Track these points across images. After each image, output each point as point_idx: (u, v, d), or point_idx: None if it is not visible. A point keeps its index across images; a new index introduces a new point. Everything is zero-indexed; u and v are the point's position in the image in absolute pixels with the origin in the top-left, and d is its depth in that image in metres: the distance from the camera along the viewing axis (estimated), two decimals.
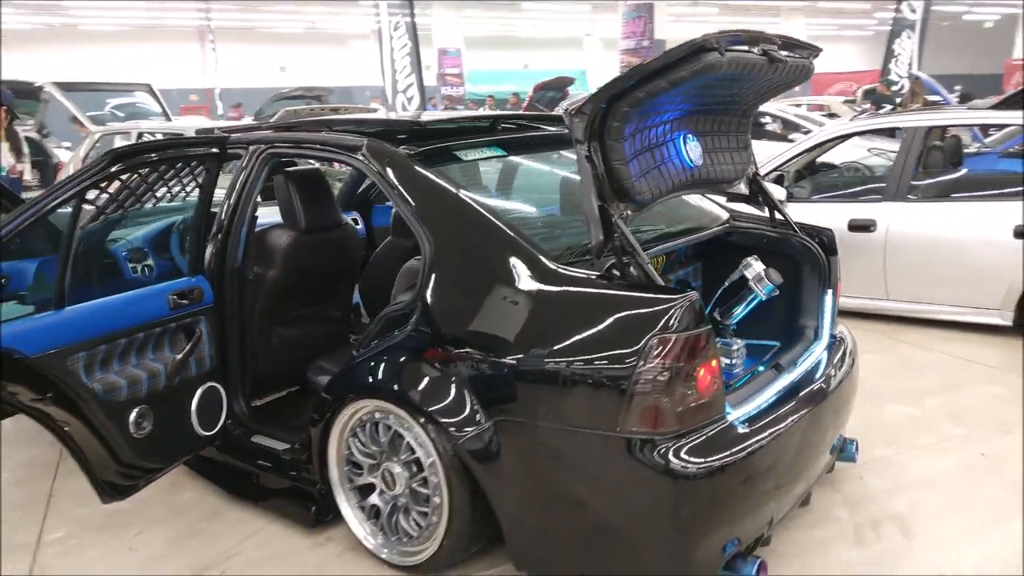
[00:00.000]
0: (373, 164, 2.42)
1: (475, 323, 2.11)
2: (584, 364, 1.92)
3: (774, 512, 2.12)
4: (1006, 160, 6.52)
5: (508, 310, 2.06)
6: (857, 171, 6.38)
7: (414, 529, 2.27)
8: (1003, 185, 4.49)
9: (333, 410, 2.37)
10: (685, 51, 1.88)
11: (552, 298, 2.02)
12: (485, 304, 2.11)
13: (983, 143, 6.70)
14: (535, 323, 2.01)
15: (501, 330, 2.06)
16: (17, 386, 2.11)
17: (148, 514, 2.70)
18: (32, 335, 2.13)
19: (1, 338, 2.06)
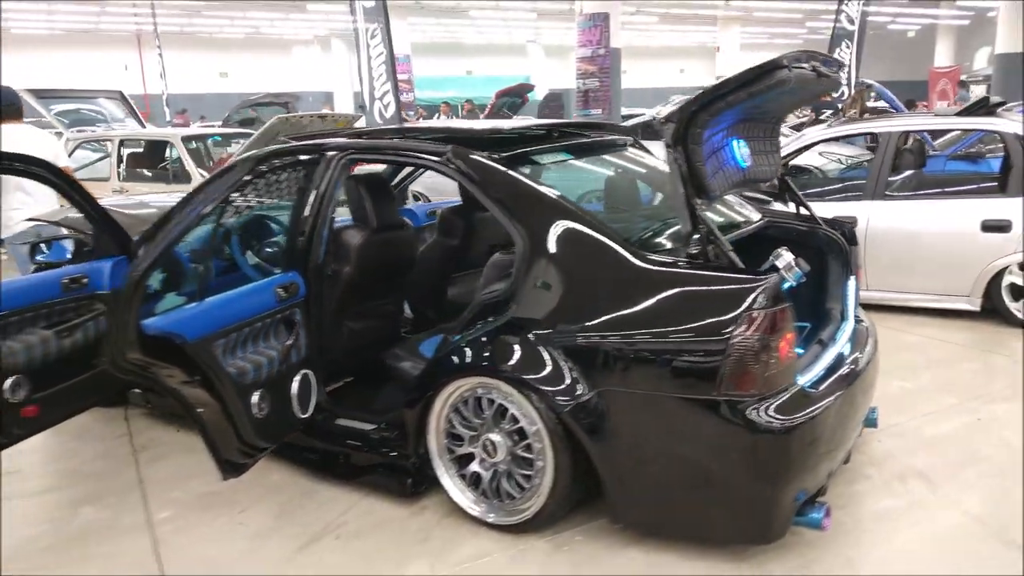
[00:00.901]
0: (461, 167, 2.68)
1: (576, 305, 2.39)
2: (680, 338, 2.22)
3: (831, 467, 2.47)
4: (953, 162, 7.19)
5: (606, 292, 2.35)
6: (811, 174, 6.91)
7: (516, 492, 2.53)
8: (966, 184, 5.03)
9: (434, 389, 2.61)
10: (763, 69, 2.22)
11: (649, 280, 2.31)
12: (585, 288, 2.39)
13: (933, 147, 7.32)
14: (632, 304, 2.31)
15: (600, 311, 2.34)
16: (175, 368, 2.29)
17: (245, 495, 2.86)
18: (188, 322, 2.31)
19: (169, 323, 2.24)
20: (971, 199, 4.73)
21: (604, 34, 13.83)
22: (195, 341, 2.31)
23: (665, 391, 2.25)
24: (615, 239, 2.41)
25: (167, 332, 2.26)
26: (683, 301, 2.26)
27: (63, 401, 2.98)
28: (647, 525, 2.45)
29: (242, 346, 2.53)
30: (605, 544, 2.48)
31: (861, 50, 14.44)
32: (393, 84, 9.03)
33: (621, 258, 2.36)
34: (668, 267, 2.32)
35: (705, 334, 2.20)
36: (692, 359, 2.21)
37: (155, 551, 2.55)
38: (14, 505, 2.89)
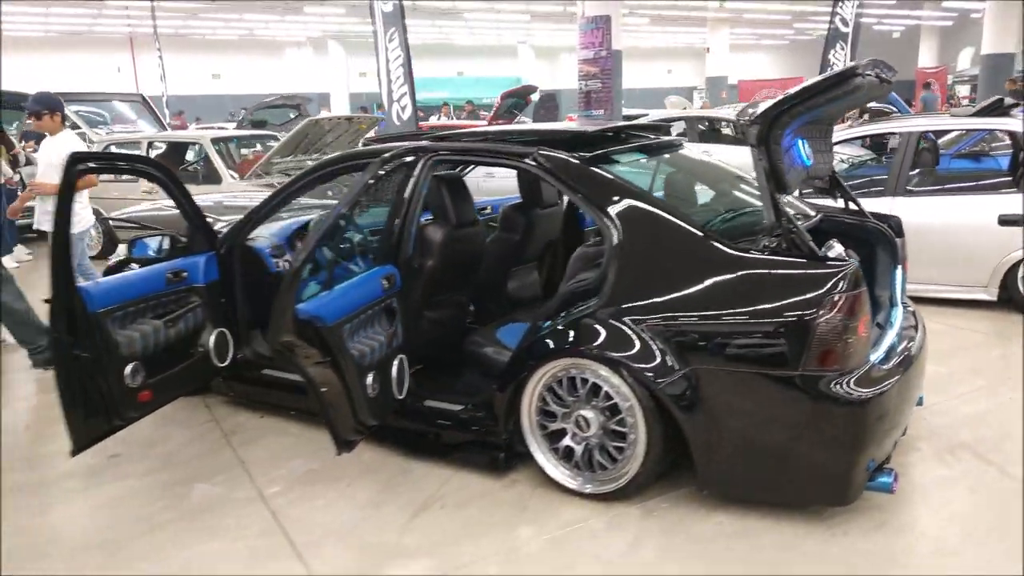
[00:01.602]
0: (549, 166, 2.91)
1: (668, 291, 2.62)
2: (768, 320, 2.46)
3: (895, 437, 2.72)
4: (958, 160, 7.51)
5: (696, 278, 2.59)
6: None
7: (608, 463, 2.76)
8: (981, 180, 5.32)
9: (527, 371, 2.84)
10: (842, 76, 2.47)
11: (739, 267, 2.55)
12: (676, 276, 2.63)
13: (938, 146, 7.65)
14: (721, 289, 2.55)
15: (691, 296, 2.58)
16: (313, 349, 2.50)
17: (345, 472, 3.07)
18: (327, 307, 2.52)
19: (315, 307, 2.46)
20: (988, 195, 5.02)
21: (606, 36, 14.09)
22: (333, 325, 2.52)
23: (753, 368, 2.49)
24: (698, 228, 2.65)
25: (313, 316, 2.47)
26: (771, 285, 2.50)
27: (170, 386, 3.18)
28: (733, 491, 2.69)
29: (360, 331, 2.74)
30: (690, 510, 2.71)
31: (855, 52, 14.82)
32: (410, 87, 9.23)
33: (709, 246, 2.60)
34: (755, 255, 2.56)
35: (792, 315, 2.44)
36: (779, 338, 2.45)
37: (276, 520, 2.75)
38: (129, 484, 3.08)
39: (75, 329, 2.78)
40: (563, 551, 2.52)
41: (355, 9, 22.86)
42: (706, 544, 2.53)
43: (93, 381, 2.84)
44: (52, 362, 4.12)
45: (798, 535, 2.55)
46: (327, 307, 2.54)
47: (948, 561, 2.42)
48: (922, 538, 2.55)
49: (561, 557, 2.49)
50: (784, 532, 2.57)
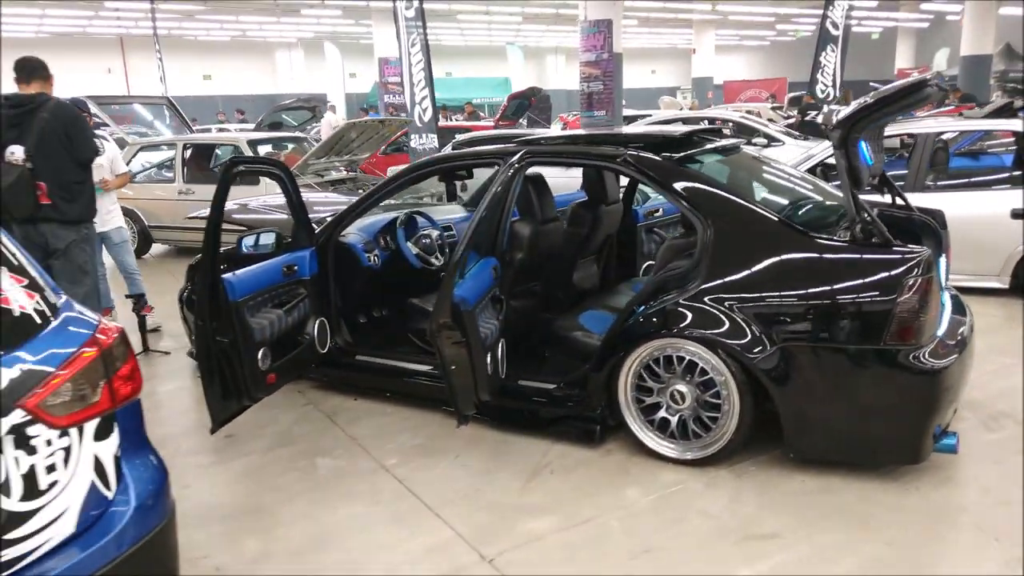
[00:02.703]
0: (639, 167, 3.23)
1: (759, 277, 2.95)
2: (853, 299, 2.80)
3: (955, 405, 3.08)
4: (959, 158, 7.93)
5: (787, 266, 2.92)
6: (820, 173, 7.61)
7: (702, 431, 3.09)
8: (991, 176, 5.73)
9: (624, 351, 3.15)
10: (915, 86, 2.81)
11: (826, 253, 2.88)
12: (766, 263, 2.96)
13: None
14: (813, 273, 2.88)
15: (780, 279, 2.91)
16: (455, 331, 2.80)
17: (450, 445, 3.37)
18: (468, 292, 2.82)
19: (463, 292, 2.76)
20: (1000, 190, 5.43)
21: (608, 39, 14.44)
22: (472, 308, 2.82)
23: (839, 343, 2.83)
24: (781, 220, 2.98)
25: (461, 299, 2.77)
26: (856, 269, 2.84)
27: (289, 369, 3.45)
28: (818, 454, 3.02)
29: (481, 315, 3.04)
30: (777, 471, 3.04)
31: (845, 54, 15.31)
32: (431, 90, 9.50)
33: (796, 235, 2.93)
34: (839, 242, 2.90)
35: (875, 295, 2.77)
36: (863, 316, 2.79)
37: (405, 486, 3.04)
38: (254, 460, 3.35)
39: (217, 316, 3.04)
40: (671, 507, 2.84)
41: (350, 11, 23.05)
42: (796, 498, 2.86)
43: (230, 364, 3.10)
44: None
45: (876, 490, 2.89)
46: (468, 292, 2.84)
47: (1008, 510, 2.77)
48: (985, 491, 2.90)
49: (671, 512, 2.81)
50: (864, 488, 2.91)
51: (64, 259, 4.24)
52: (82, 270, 4.31)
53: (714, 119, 12.06)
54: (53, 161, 4.12)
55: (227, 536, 2.75)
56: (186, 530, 2.77)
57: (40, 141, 4.07)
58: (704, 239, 3.06)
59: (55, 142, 4.11)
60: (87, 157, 4.29)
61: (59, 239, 4.21)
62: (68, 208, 4.20)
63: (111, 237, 5.22)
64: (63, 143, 4.13)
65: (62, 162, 4.15)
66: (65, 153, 4.15)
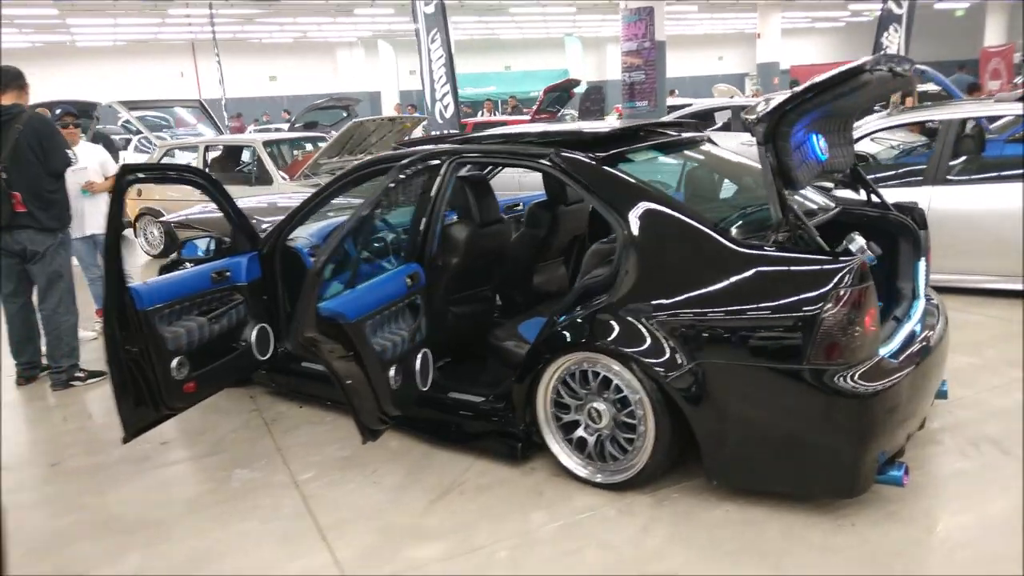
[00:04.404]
0: (565, 167, 3.00)
1: (676, 286, 2.69)
2: (775, 314, 2.51)
3: (908, 430, 2.73)
4: (1011, 145, 7.25)
5: (703, 274, 2.65)
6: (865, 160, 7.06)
7: (619, 454, 2.86)
8: None
9: (543, 364, 2.95)
10: (849, 73, 2.50)
11: (745, 262, 2.60)
12: (683, 271, 2.70)
13: (989, 130, 7.40)
14: (728, 284, 2.60)
15: (698, 291, 2.64)
16: (337, 344, 2.68)
17: (373, 458, 3.25)
18: (349, 305, 2.69)
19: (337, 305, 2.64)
20: None
21: (649, 28, 13.98)
22: (355, 321, 2.69)
23: (760, 362, 2.55)
24: (709, 226, 2.71)
25: (335, 313, 2.64)
26: (777, 281, 2.55)
27: (213, 378, 3.41)
28: (741, 482, 2.75)
29: (383, 327, 2.90)
30: (700, 499, 2.79)
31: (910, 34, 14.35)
32: (452, 86, 9.40)
33: (717, 243, 2.66)
34: (762, 250, 2.61)
35: (797, 310, 2.48)
36: (785, 332, 2.50)
37: (306, 504, 2.94)
38: (178, 469, 3.34)
39: (126, 325, 3.02)
40: (573, 536, 2.63)
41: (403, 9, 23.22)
42: (712, 531, 2.61)
43: (142, 373, 3.08)
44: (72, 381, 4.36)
45: (805, 525, 2.60)
46: (349, 305, 2.70)
47: (957, 554, 2.44)
48: (932, 530, 2.57)
49: (571, 541, 2.60)
50: (791, 522, 2.62)
51: (41, 264, 4.37)
52: (58, 274, 4.43)
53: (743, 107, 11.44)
54: (26, 171, 4.23)
55: (114, 551, 2.72)
56: (79, 543, 2.79)
57: (14, 152, 4.19)
58: (621, 245, 2.83)
59: (28, 153, 4.22)
60: (58, 169, 4.39)
61: (36, 245, 4.33)
62: (43, 216, 4.32)
63: (102, 240, 5.34)
64: (36, 154, 4.24)
65: (35, 172, 4.26)
66: (38, 164, 4.26)
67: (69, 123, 5.18)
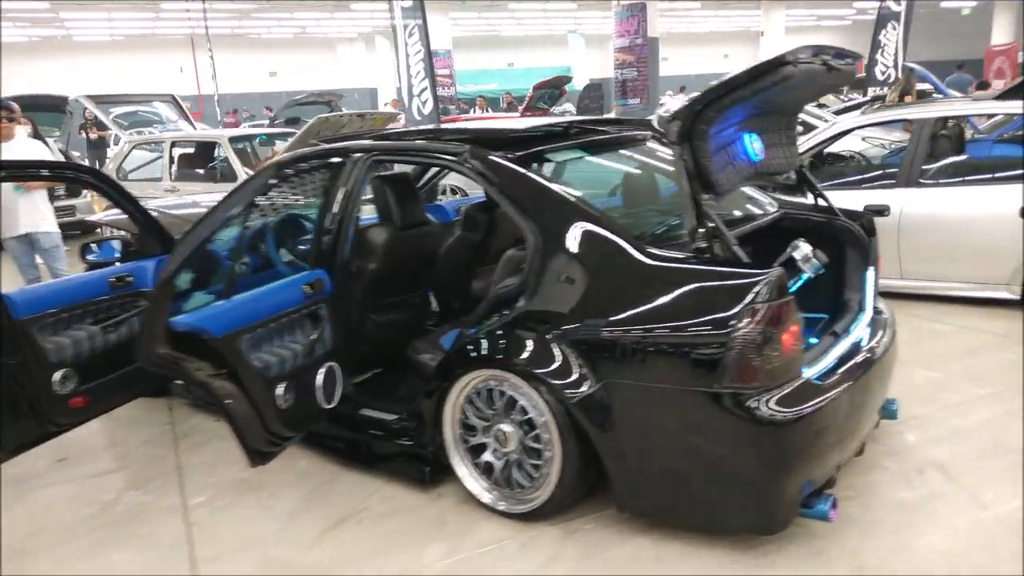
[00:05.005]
0: (477, 167, 2.76)
1: (583, 299, 2.45)
2: (684, 331, 2.26)
3: (840, 458, 2.48)
4: (1000, 145, 6.95)
5: (614, 288, 2.40)
6: (854, 160, 6.78)
7: (526, 480, 2.62)
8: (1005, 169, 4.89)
9: (450, 381, 2.71)
10: (768, 66, 2.24)
11: (656, 275, 2.36)
12: (591, 283, 2.45)
13: (978, 130, 7.11)
14: (640, 297, 2.36)
15: (607, 304, 2.40)
16: (203, 362, 2.45)
17: (274, 480, 3.02)
18: (216, 319, 2.46)
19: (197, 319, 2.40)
20: (1008, 184, 4.60)
21: (642, 24, 13.75)
22: (222, 336, 2.45)
23: (669, 383, 2.30)
24: (622, 234, 2.46)
25: (195, 328, 2.41)
26: (687, 295, 2.30)
27: (110, 392, 3.18)
28: (652, 514, 2.51)
29: (268, 340, 2.66)
30: (614, 532, 2.55)
31: (908, 31, 14.00)
32: (431, 81, 9.16)
33: (626, 253, 2.41)
34: (671, 262, 2.36)
35: (708, 327, 2.23)
36: (695, 352, 2.25)
37: (188, 532, 2.71)
38: (66, 490, 3.11)
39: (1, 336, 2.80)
40: (466, 573, 2.39)
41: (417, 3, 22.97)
42: (619, 570, 2.37)
43: (21, 387, 2.86)
44: None
45: (721, 564, 2.36)
46: (214, 318, 2.47)
47: None
48: (860, 570, 2.32)
49: None
50: (706, 559, 2.38)
51: None
52: None
53: None
54: None
55: None
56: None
57: None
58: (529, 251, 2.58)
59: None
60: None
61: None
62: None
63: (39, 241, 5.13)
64: None
65: None
66: None
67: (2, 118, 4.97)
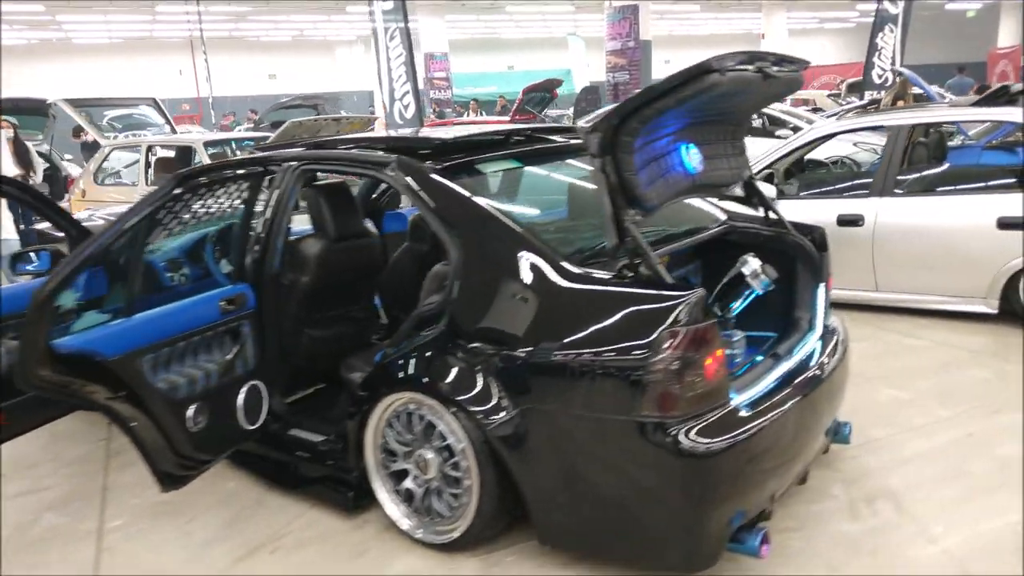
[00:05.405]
0: (402, 178, 2.63)
1: (501, 321, 2.32)
2: (602, 356, 2.13)
3: (775, 488, 2.34)
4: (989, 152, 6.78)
5: (531, 308, 2.27)
6: (845, 166, 6.63)
7: (446, 510, 2.49)
8: (984, 178, 4.74)
9: (370, 402, 2.59)
10: (691, 73, 2.11)
11: (572, 296, 2.23)
12: (510, 303, 2.32)
13: (967, 136, 6.95)
14: (557, 319, 2.23)
15: (525, 326, 2.27)
16: (96, 385, 2.33)
17: (198, 503, 2.91)
18: (109, 339, 2.34)
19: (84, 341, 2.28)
20: (986, 195, 4.45)
21: (634, 27, 13.63)
22: (118, 358, 2.33)
23: (588, 411, 2.17)
24: (543, 253, 2.32)
25: (82, 350, 2.29)
26: (604, 317, 2.17)
27: (30, 410, 3.06)
28: (573, 547, 2.38)
29: (178, 360, 2.55)
30: (537, 564, 2.42)
31: (906, 34, 13.81)
32: (413, 85, 9.05)
33: (544, 272, 2.28)
34: (590, 283, 2.23)
35: (625, 353, 2.10)
36: (613, 378, 2.12)
37: (97, 559, 2.60)
38: None
39: None
40: None
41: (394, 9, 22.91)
42: None
43: None
44: None
45: None
46: (106, 339, 2.35)
47: None
48: None
49: None
50: None
51: None
52: None
53: None
54: None
55: None
56: None
57: None
58: (451, 268, 2.46)
59: None
60: None
61: None
62: None
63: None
64: None
65: None
66: None
67: None
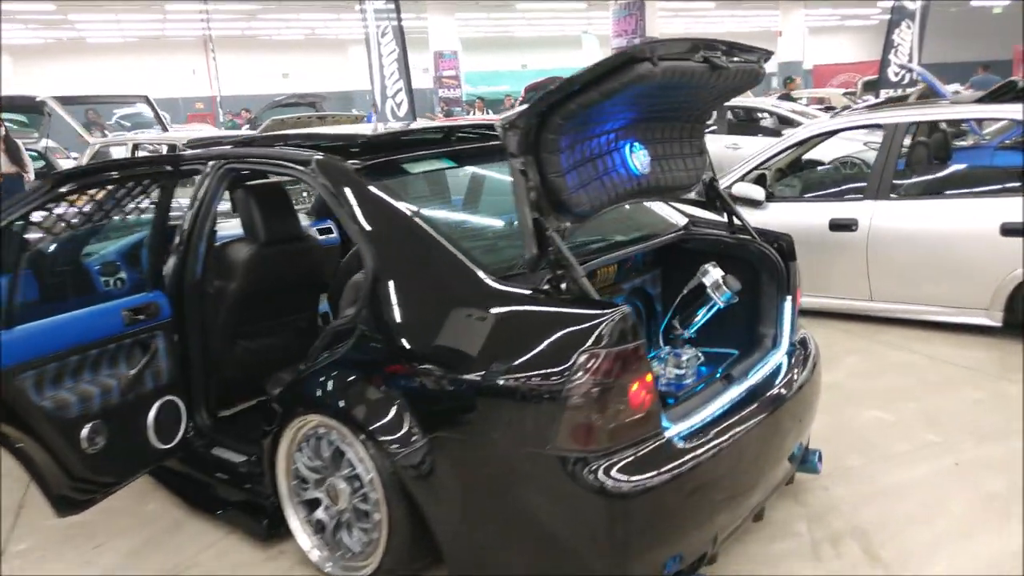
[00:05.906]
0: (319, 178, 2.40)
1: (412, 339, 2.09)
2: (515, 381, 1.88)
3: (719, 528, 2.08)
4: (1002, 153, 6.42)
5: (441, 326, 2.03)
6: (855, 166, 6.30)
7: (357, 545, 2.26)
8: (988, 181, 4.42)
9: (281, 424, 2.37)
10: (615, 63, 1.85)
11: (487, 314, 1.99)
12: (419, 320, 2.09)
13: (980, 135, 6.59)
14: (470, 339, 1.98)
15: (436, 346, 2.03)
16: None
17: (113, 524, 2.71)
18: None
19: None
20: (989, 199, 4.14)
21: (640, 23, 13.32)
22: None
23: (500, 443, 1.93)
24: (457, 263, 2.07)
25: None
26: (518, 337, 1.92)
27: None
28: None
29: (71, 376, 2.34)
30: None
31: (923, 30, 13.38)
32: (406, 83, 8.84)
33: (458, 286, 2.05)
34: (507, 299, 1.98)
35: (541, 378, 1.86)
36: (527, 406, 1.88)
37: None
38: None
39: None
40: None
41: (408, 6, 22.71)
42: None
43: None
44: None
45: None
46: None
47: None
48: None
49: None
50: None
51: None
52: None
53: (748, 108, 10.56)
54: None
55: None
56: None
57: None
58: (364, 279, 2.22)
59: None
60: None
61: None
62: None
63: None
64: None
65: None
66: None
67: None
